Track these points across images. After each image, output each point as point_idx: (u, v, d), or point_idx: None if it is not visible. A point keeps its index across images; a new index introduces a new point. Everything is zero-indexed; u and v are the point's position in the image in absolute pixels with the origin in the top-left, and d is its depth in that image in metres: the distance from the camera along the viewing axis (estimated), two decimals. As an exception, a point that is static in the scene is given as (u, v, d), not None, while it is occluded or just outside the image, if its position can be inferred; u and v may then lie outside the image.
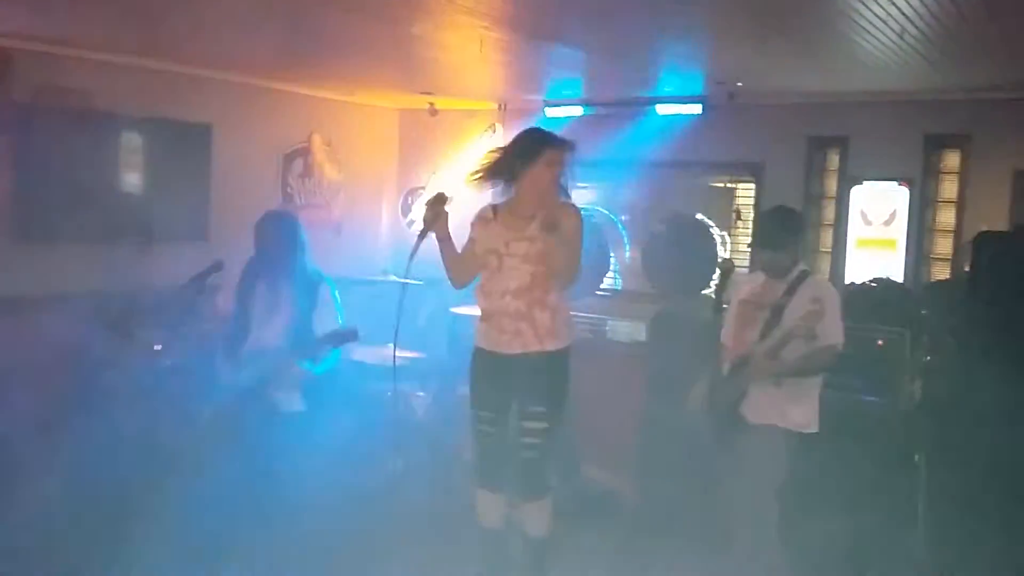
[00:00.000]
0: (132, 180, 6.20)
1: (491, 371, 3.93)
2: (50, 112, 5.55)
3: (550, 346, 3.85)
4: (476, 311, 4.03)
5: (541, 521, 3.97)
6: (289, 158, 7.50)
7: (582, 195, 7.69)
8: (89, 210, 5.68)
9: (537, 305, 3.83)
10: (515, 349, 3.86)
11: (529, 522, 3.98)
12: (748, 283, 4.22)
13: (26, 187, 5.47)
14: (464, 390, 5.38)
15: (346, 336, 4.36)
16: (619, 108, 7.06)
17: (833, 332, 3.93)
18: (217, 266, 4.27)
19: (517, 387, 3.90)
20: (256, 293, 4.45)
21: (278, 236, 4.42)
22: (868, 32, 4.21)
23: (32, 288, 5.37)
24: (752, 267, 4.82)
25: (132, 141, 6.16)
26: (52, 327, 5.19)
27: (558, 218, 3.77)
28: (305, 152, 7.65)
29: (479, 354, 3.99)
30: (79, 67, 5.73)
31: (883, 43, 4.46)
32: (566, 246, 3.76)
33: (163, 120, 6.24)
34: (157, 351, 4.32)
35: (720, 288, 3.99)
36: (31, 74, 5.45)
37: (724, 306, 4.12)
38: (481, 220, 3.97)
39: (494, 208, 3.97)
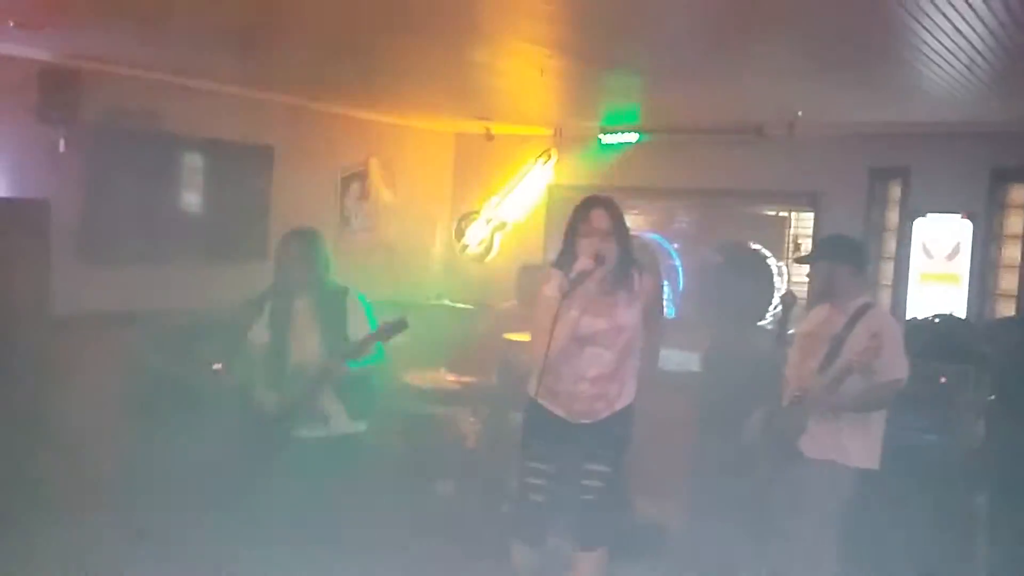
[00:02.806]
0: (196, 200, 6.29)
1: (555, 432, 3.71)
2: (117, 133, 5.66)
3: (619, 406, 3.71)
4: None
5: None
6: (347, 181, 7.57)
7: (635, 221, 7.70)
8: (154, 230, 5.77)
9: (614, 384, 3.68)
10: (586, 420, 3.68)
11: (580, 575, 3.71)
12: (811, 316, 4.16)
13: (93, 207, 5.58)
14: (516, 416, 5.40)
15: (395, 327, 4.17)
16: (676, 135, 7.03)
17: (897, 366, 3.85)
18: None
19: (582, 445, 3.70)
20: (287, 313, 4.38)
21: (300, 253, 4.36)
22: (936, 64, 4.14)
23: (98, 306, 5.45)
24: (810, 289, 4.64)
25: (197, 162, 6.26)
26: (117, 345, 5.27)
27: (636, 288, 3.58)
28: (363, 175, 7.71)
29: (540, 412, 3.71)
30: (147, 88, 5.84)
31: (950, 75, 4.39)
32: (651, 320, 3.55)
33: (227, 142, 6.33)
34: (217, 370, 4.35)
35: (783, 321, 3.94)
36: (99, 95, 5.55)
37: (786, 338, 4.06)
38: (562, 293, 3.49)
39: (571, 281, 3.50)
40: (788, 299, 3.94)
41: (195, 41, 4.86)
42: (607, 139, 7.36)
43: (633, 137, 7.30)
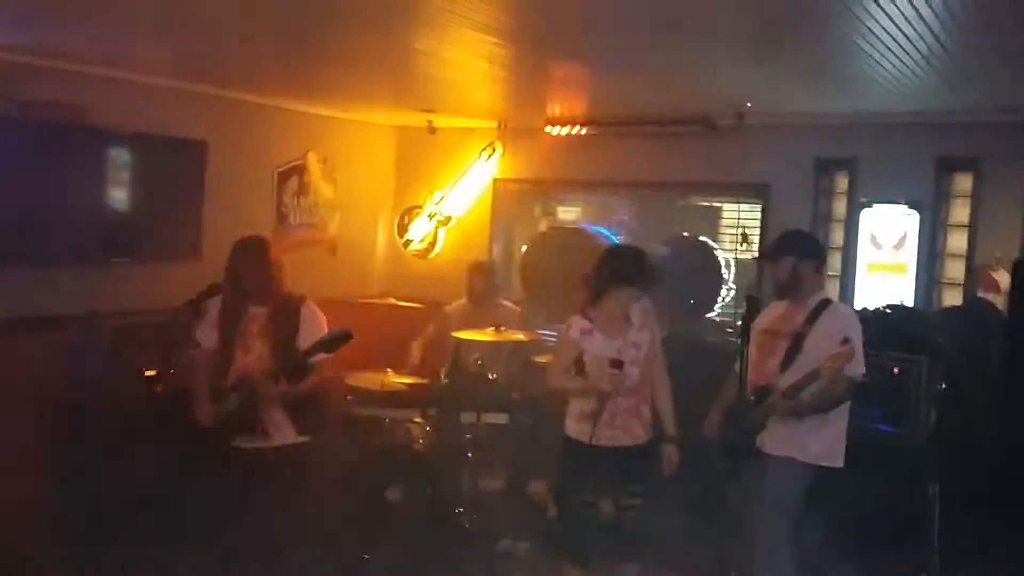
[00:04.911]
0: (124, 198, 6.02)
1: (599, 460, 3.99)
2: (41, 127, 5.37)
3: (651, 433, 4.10)
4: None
5: None
6: (284, 176, 7.34)
7: (578, 214, 7.61)
8: (81, 229, 5.51)
9: (644, 400, 4.06)
10: (626, 443, 4.02)
11: None
12: (769, 312, 4.09)
13: (14, 205, 5.28)
14: (467, 418, 5.26)
15: (337, 339, 4.01)
16: (623, 127, 6.92)
17: (858, 364, 3.80)
18: (215, 289, 4.06)
19: (622, 471, 4.02)
20: (237, 320, 4.22)
21: (251, 262, 4.21)
22: (883, 55, 4.09)
23: (21, 310, 5.18)
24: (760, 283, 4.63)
25: (125, 157, 5.99)
26: (42, 350, 5.00)
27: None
28: (300, 170, 7.49)
29: (581, 448, 4.00)
30: (72, 81, 5.57)
31: (897, 66, 4.35)
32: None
33: (158, 136, 6.09)
34: (150, 377, 4.11)
35: (747, 321, 3.87)
36: (20, 88, 5.27)
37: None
38: (582, 332, 4.04)
39: (589, 318, 4.06)
40: (753, 300, 3.89)
41: (123, 31, 4.64)
42: (554, 131, 7.22)
43: (580, 129, 7.17)
